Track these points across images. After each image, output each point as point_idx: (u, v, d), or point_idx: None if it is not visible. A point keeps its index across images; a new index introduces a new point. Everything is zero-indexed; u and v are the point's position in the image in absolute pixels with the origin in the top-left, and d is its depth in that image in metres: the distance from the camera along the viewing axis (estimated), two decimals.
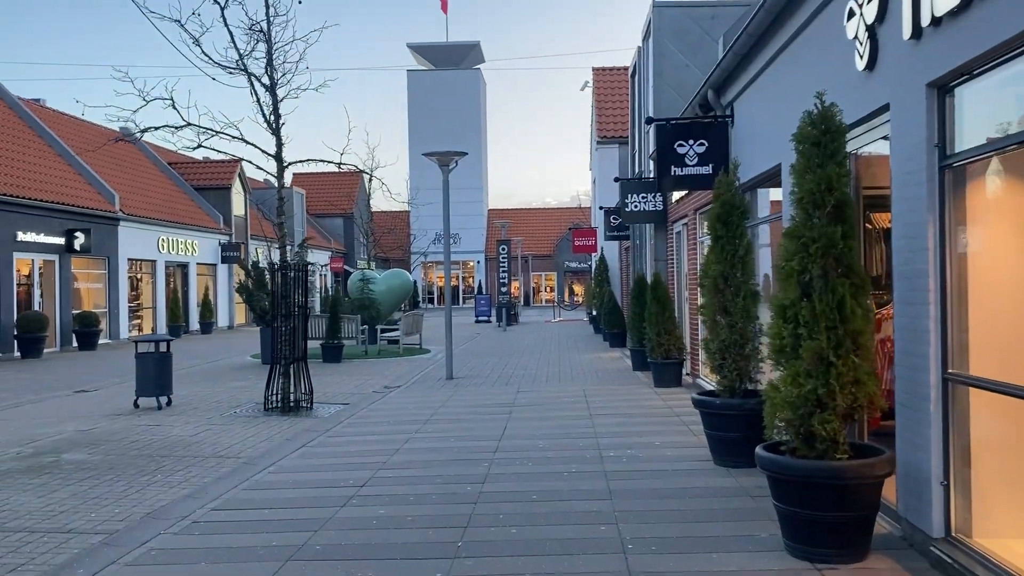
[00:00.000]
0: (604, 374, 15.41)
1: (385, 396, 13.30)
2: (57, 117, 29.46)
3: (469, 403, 12.05)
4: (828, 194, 5.00)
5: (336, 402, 12.81)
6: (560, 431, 9.51)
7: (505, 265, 34.48)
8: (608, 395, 12.48)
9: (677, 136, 10.12)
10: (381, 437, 9.53)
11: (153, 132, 11.26)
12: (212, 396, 13.65)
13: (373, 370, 17.49)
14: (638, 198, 15.47)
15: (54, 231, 23.26)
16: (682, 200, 13.73)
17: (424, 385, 14.56)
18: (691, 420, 9.71)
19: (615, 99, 29.04)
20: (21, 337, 20.82)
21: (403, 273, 27.39)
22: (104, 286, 26.17)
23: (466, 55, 66.51)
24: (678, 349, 13.03)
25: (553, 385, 14.04)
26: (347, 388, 14.60)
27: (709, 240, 7.88)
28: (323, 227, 53.52)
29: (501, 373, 16.09)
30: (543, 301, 67.17)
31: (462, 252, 65.58)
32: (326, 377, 16.18)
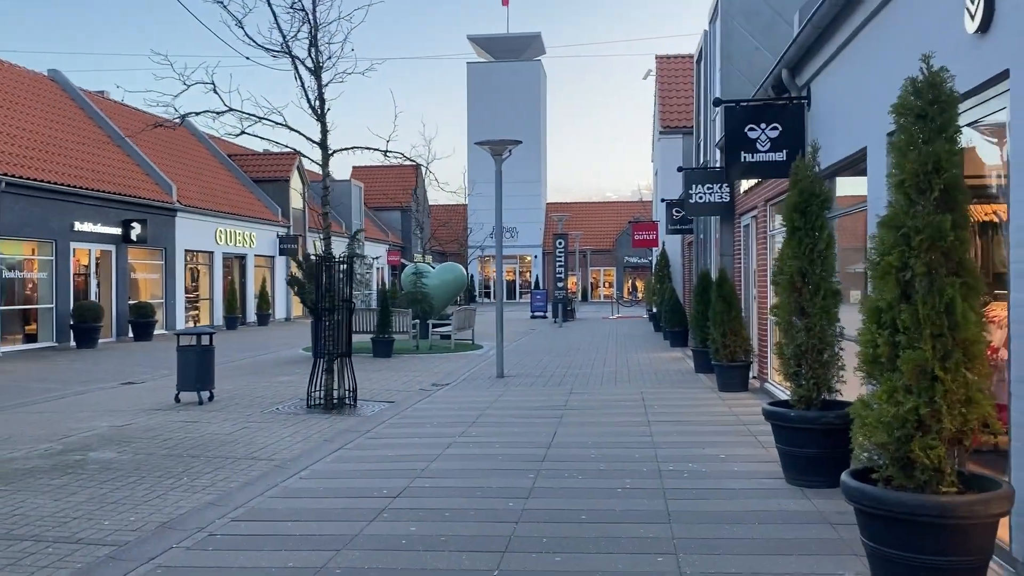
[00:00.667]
0: (664, 376, 14.60)
1: (432, 395, 12.74)
2: (117, 108, 29.73)
3: (518, 405, 11.41)
4: (935, 176, 4.18)
5: (381, 400, 12.30)
6: (614, 439, 8.79)
7: (562, 260, 33.71)
8: (668, 399, 11.70)
9: (748, 120, 9.28)
10: (422, 440, 8.95)
11: (194, 117, 10.84)
12: (256, 391, 13.28)
13: (422, 366, 16.98)
14: (703, 189, 14.61)
15: (111, 221, 23.35)
16: (751, 191, 12.84)
17: (473, 384, 13.96)
18: (759, 430, 8.90)
19: (679, 88, 28.04)
20: (77, 327, 20.92)
21: (457, 267, 26.89)
22: (161, 277, 26.26)
23: (527, 47, 65.81)
24: (745, 351, 12.17)
25: (608, 387, 13.30)
26: (394, 385, 14.10)
27: (783, 233, 7.07)
28: (380, 220, 53.51)
29: (554, 372, 15.40)
30: (601, 297, 66.17)
31: (519, 246, 65.03)
32: (374, 373, 15.72)
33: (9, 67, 25.09)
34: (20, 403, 12.28)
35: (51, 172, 21.18)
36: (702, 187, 14.63)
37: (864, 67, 7.32)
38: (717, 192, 14.60)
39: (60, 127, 24.26)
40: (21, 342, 20.47)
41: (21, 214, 19.74)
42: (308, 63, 10.95)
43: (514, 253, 65.70)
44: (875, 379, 4.38)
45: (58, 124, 24.35)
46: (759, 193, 12.24)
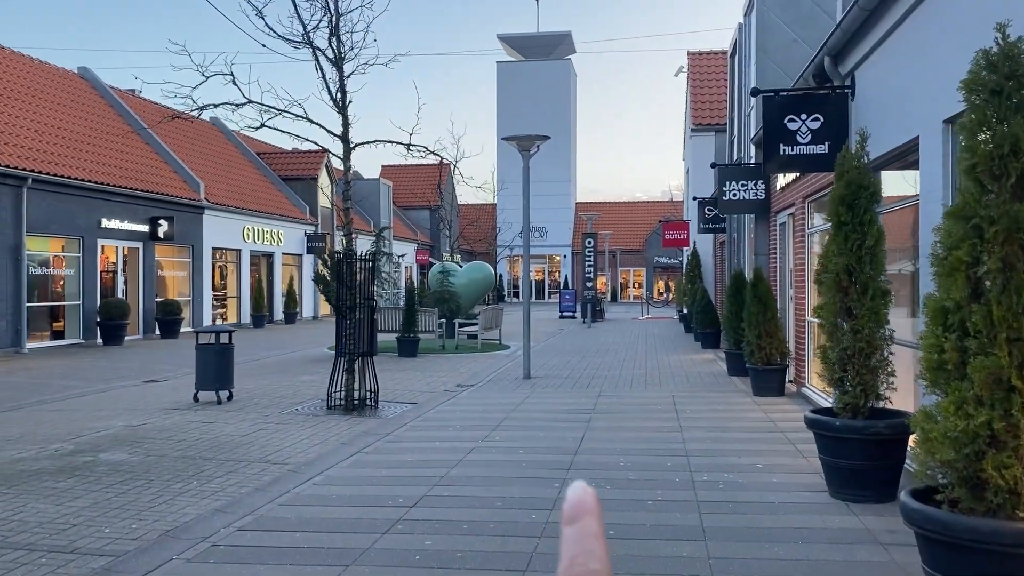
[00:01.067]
0: (696, 378, 14.11)
1: (456, 396, 12.37)
2: (148, 106, 29.77)
3: (545, 407, 10.99)
4: (1012, 159, 3.71)
5: (403, 401, 11.96)
6: (645, 446, 8.35)
7: (591, 259, 33.23)
8: (700, 403, 11.22)
9: (787, 110, 8.78)
10: (444, 445, 8.57)
11: (213, 110, 10.57)
12: (277, 390, 13.00)
13: (448, 366, 16.63)
14: (737, 186, 14.09)
15: (139, 219, 23.30)
16: (788, 187, 12.31)
17: (499, 385, 13.58)
18: (798, 438, 8.41)
19: (711, 84, 27.45)
20: (103, 324, 20.85)
21: (485, 266, 26.54)
22: (188, 274, 26.20)
23: (557, 45, 65.35)
24: (781, 354, 11.65)
25: (639, 389, 12.84)
26: (418, 385, 13.75)
27: (823, 231, 6.59)
28: (409, 219, 53.36)
29: (582, 374, 14.97)
30: (631, 297, 65.51)
31: (548, 246, 64.58)
32: (398, 373, 15.39)
33: (39, 64, 25.16)
34: (39, 401, 12.11)
35: (78, 169, 21.14)
36: (736, 184, 14.11)
37: (918, 49, 6.82)
38: (752, 189, 14.08)
39: (89, 124, 24.28)
40: (49, 339, 20.45)
41: (48, 211, 19.71)
42: (329, 53, 10.63)
43: (543, 253, 65.25)
44: (940, 389, 3.92)
45: (87, 121, 24.37)
46: (797, 190, 11.72)
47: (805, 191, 11.21)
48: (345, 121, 10.84)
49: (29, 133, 20.67)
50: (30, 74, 23.93)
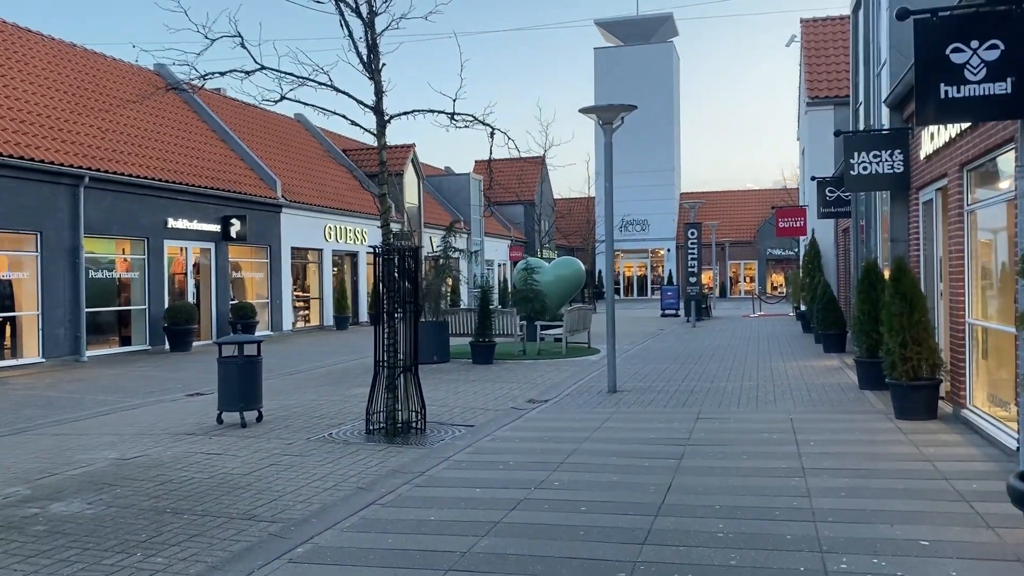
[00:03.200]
0: (819, 393, 11.61)
1: (523, 415, 10.36)
2: (225, 103, 29.02)
3: (626, 436, 8.83)
4: None
5: (459, 422, 10.03)
6: (754, 502, 6.10)
7: (695, 252, 30.52)
8: (827, 430, 8.80)
9: (951, 37, 6.33)
10: (485, 493, 6.57)
11: (219, 78, 8.85)
12: (319, 407, 11.29)
13: (524, 375, 14.62)
14: (868, 158, 11.51)
15: (210, 218, 22.30)
16: (938, 154, 9.70)
17: (576, 401, 11.47)
18: (973, 491, 6.02)
19: (827, 53, 24.43)
20: (170, 329, 19.84)
21: (574, 261, 24.40)
22: (266, 276, 25.14)
23: (657, 28, 62.37)
24: (932, 366, 9.10)
25: (747, 408, 10.49)
26: (483, 400, 11.81)
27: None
28: (503, 215, 51.68)
29: (679, 386, 12.68)
30: (741, 292, 61.91)
31: (651, 239, 61.79)
32: (465, 384, 13.49)
33: (111, 62, 24.57)
34: (58, 420, 10.79)
35: (142, 167, 20.22)
36: (866, 155, 11.52)
37: None
38: (886, 161, 11.46)
39: (160, 122, 23.47)
40: (117, 345, 19.60)
41: (109, 211, 18.80)
42: (359, 6, 8.77)
43: (644, 247, 62.47)
44: None
45: (158, 119, 23.57)
46: (950, 156, 9.13)
47: (963, 156, 8.62)
48: (378, 89, 8.95)
49: (91, 131, 19.85)
50: (99, 72, 23.31)
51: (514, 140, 9.56)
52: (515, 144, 9.69)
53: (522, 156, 10.67)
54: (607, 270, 12.92)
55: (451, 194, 41.65)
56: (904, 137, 11.41)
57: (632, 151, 59.42)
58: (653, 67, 60.74)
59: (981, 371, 8.73)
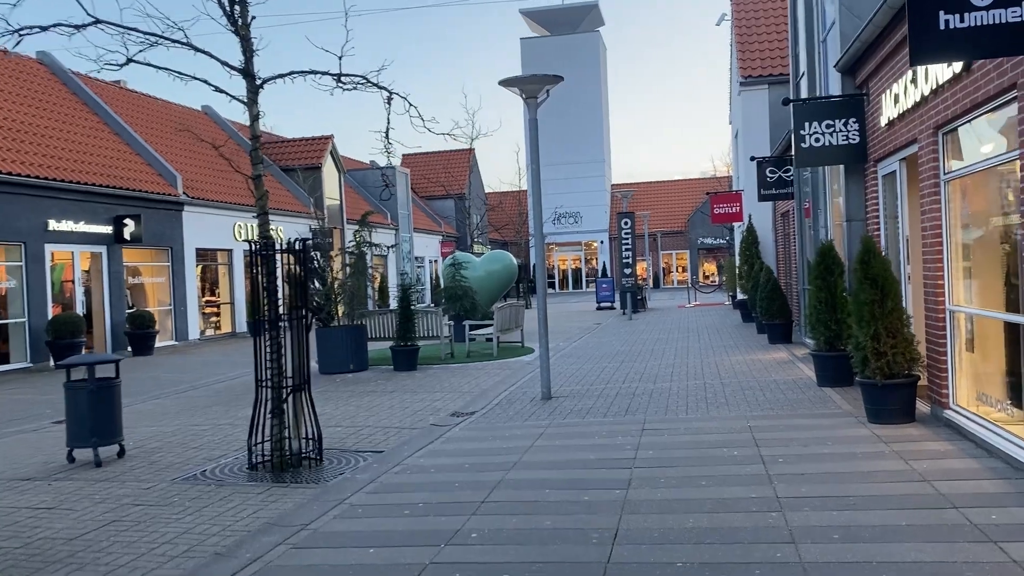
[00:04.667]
0: (774, 392, 10.40)
1: (444, 434, 8.87)
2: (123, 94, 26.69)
3: (563, 457, 7.41)
4: None
5: (366, 447, 8.48)
6: (726, 554, 4.72)
7: (628, 242, 29.43)
8: (795, 442, 7.53)
9: None
10: (380, 556, 5.06)
11: (40, 33, 7.06)
12: (200, 435, 9.58)
13: (450, 382, 13.12)
14: (820, 128, 10.33)
15: (100, 219, 20.15)
16: (904, 119, 8.53)
17: (508, 411, 10.03)
18: (990, 521, 4.77)
19: (760, 30, 23.52)
20: (54, 344, 17.69)
21: (505, 255, 23.02)
22: (168, 280, 23.03)
23: (583, 17, 61.41)
24: (909, 361, 7.91)
25: (698, 415, 9.19)
26: (400, 416, 10.28)
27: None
28: (433, 209, 49.99)
29: (620, 389, 11.34)
30: (674, 283, 61.50)
31: (584, 232, 60.92)
32: (382, 396, 11.92)
33: None
34: None
35: (16, 163, 18.01)
36: (819, 125, 10.35)
37: None
38: (841, 130, 10.30)
39: (39, 114, 21.16)
40: None
41: None
42: None
43: (578, 239, 61.57)
44: None
45: (37, 111, 21.26)
46: (921, 119, 7.95)
47: (939, 118, 7.44)
48: (247, 47, 7.32)
49: None
50: None
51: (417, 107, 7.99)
52: (418, 112, 8.11)
53: (446, 136, 9.06)
54: (539, 262, 11.49)
55: (377, 188, 39.81)
56: (859, 104, 10.27)
57: (562, 143, 58.36)
58: (580, 57, 59.73)
59: (965, 365, 7.58)
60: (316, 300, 15.33)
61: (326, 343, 15.08)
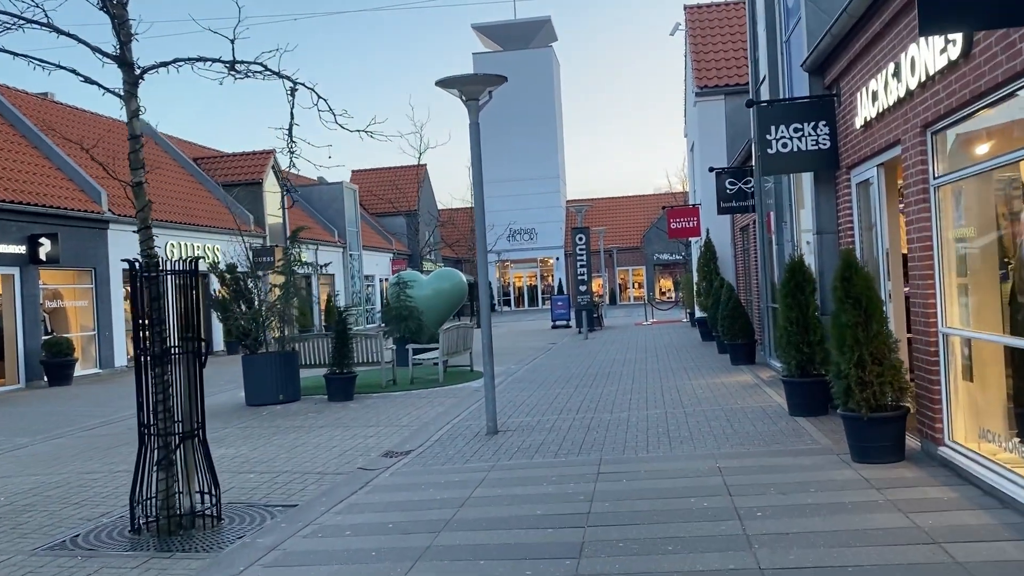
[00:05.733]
0: (742, 423, 9.40)
1: (372, 480, 7.70)
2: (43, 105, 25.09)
3: (504, 513, 6.29)
4: None
5: (277, 500, 7.28)
6: None
7: (584, 259, 28.51)
8: (773, 488, 6.50)
9: None
10: None
11: None
12: (88, 486, 8.27)
13: (389, 414, 11.95)
14: (788, 132, 9.43)
15: (11, 238, 18.59)
16: (884, 119, 7.63)
17: (448, 450, 8.88)
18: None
19: (715, 39, 22.86)
20: None
21: (455, 273, 21.88)
22: (91, 303, 21.44)
23: (536, 33, 60.86)
24: (898, 390, 6.96)
25: (659, 453, 8.15)
26: (325, 457, 9.08)
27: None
28: (384, 227, 48.68)
29: (574, 421, 10.27)
30: (631, 299, 60.91)
31: (539, 249, 60.13)
32: (307, 434, 10.70)
33: None
34: None
35: None
36: (786, 129, 9.45)
37: None
38: (810, 135, 9.42)
39: None
40: None
41: None
42: None
43: (533, 256, 60.73)
44: None
45: None
46: (905, 117, 7.06)
47: (928, 115, 6.54)
48: (123, 30, 6.13)
49: None
50: None
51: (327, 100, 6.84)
52: (328, 105, 6.97)
53: (369, 133, 7.79)
54: (481, 278, 10.40)
55: (323, 205, 38.42)
56: (830, 106, 9.41)
57: (516, 158, 57.59)
58: (533, 72, 59.11)
59: (962, 396, 6.65)
60: (242, 324, 14.07)
61: (253, 372, 13.79)
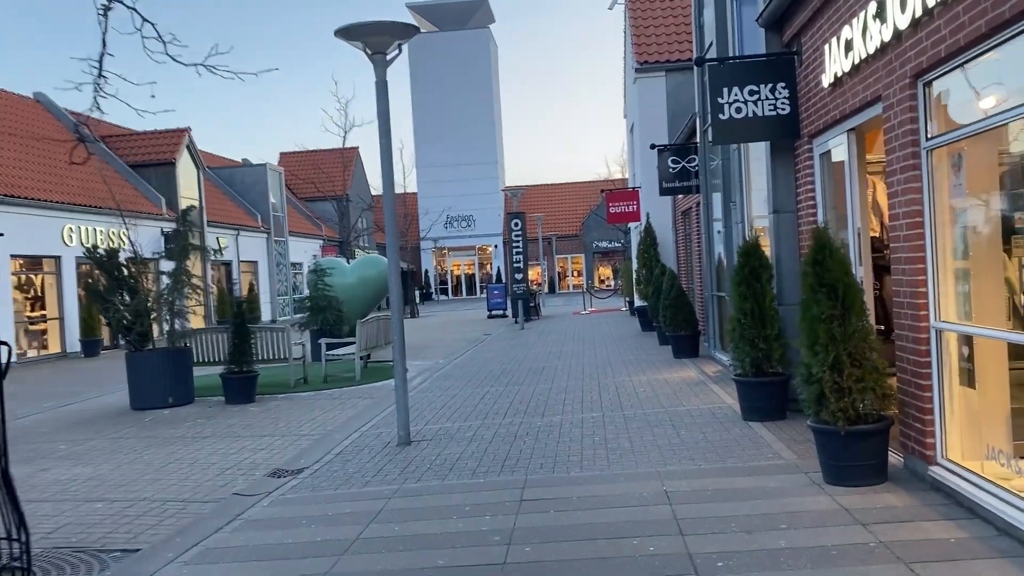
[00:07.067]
0: (690, 430, 8.17)
1: (244, 513, 6.25)
2: None
3: (400, 561, 4.90)
4: None
5: (119, 542, 5.79)
6: None
7: (520, 245, 27.18)
8: (729, 517, 5.24)
9: None
10: None
11: None
12: None
13: (290, 420, 10.47)
14: (743, 95, 8.19)
15: None
16: (859, 73, 6.42)
17: (348, 467, 7.46)
18: None
19: (655, 12, 21.70)
20: None
21: (380, 260, 20.36)
22: None
23: (472, 14, 59.18)
24: (881, 397, 5.77)
25: (596, 467, 6.87)
26: (199, 477, 7.59)
27: None
28: (314, 212, 46.64)
29: (499, 428, 8.94)
30: (570, 287, 59.99)
31: (478, 236, 58.75)
32: (186, 446, 9.15)
33: None
34: None
35: None
36: (741, 92, 8.21)
37: None
38: (767, 98, 8.20)
39: None
40: None
41: None
42: None
43: (472, 243, 59.31)
44: None
45: None
46: (889, 68, 5.86)
47: (924, 59, 5.34)
48: None
49: None
50: None
51: (154, 25, 5.30)
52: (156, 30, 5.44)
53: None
54: (391, 259, 8.95)
55: (245, 188, 36.30)
56: (790, 65, 8.20)
57: (453, 143, 56.06)
58: (470, 54, 57.56)
59: (959, 406, 5.49)
60: (124, 317, 12.38)
61: (138, 372, 12.12)
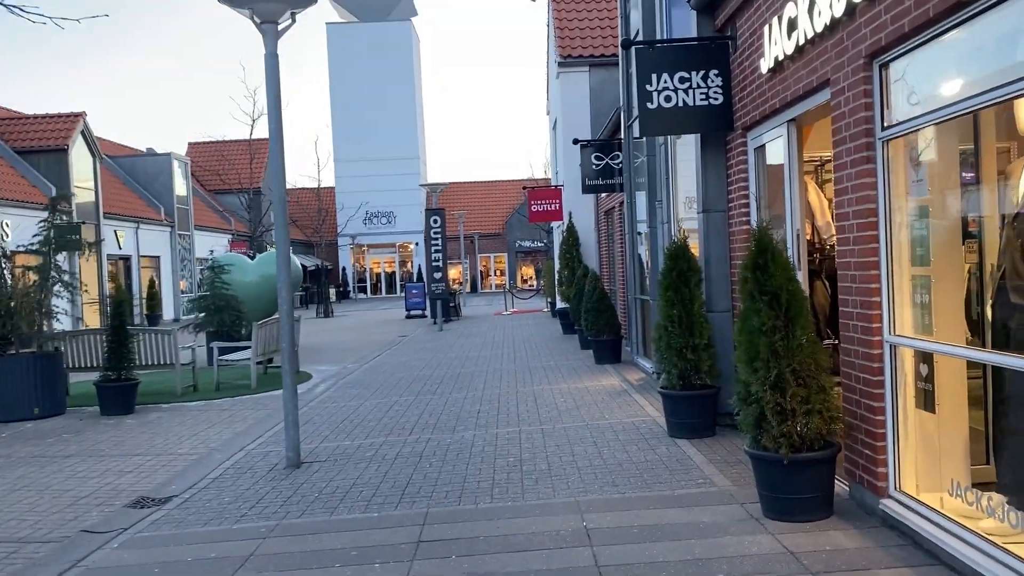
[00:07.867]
0: (612, 448, 7.42)
1: (83, 561, 5.20)
2: None
3: None
4: None
5: None
6: None
7: (439, 243, 26.17)
8: (660, 563, 4.47)
9: None
10: None
11: None
12: None
13: (170, 435, 9.32)
14: (673, 83, 7.48)
15: None
16: (803, 56, 5.75)
17: (223, 495, 6.44)
18: None
19: (580, 7, 21.06)
20: None
21: None
22: None
23: (394, 5, 57.77)
24: (828, 420, 5.09)
25: (509, 496, 6.03)
26: (46, 508, 6.46)
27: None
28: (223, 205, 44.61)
29: (404, 445, 8.02)
30: (492, 287, 59.24)
31: (398, 233, 57.43)
32: (46, 467, 7.95)
33: None
34: None
35: None
36: (671, 79, 7.49)
37: None
38: (699, 87, 7.51)
39: None
40: None
41: None
42: None
43: (392, 241, 57.96)
44: None
45: None
46: (840, 47, 5.21)
47: (881, 36, 4.67)
48: None
49: None
50: None
51: None
52: None
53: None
54: (280, 255, 7.90)
55: (147, 179, 34.30)
56: (724, 51, 7.52)
57: (373, 137, 54.62)
58: (391, 47, 56.13)
59: (914, 431, 4.85)
60: None
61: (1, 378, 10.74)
